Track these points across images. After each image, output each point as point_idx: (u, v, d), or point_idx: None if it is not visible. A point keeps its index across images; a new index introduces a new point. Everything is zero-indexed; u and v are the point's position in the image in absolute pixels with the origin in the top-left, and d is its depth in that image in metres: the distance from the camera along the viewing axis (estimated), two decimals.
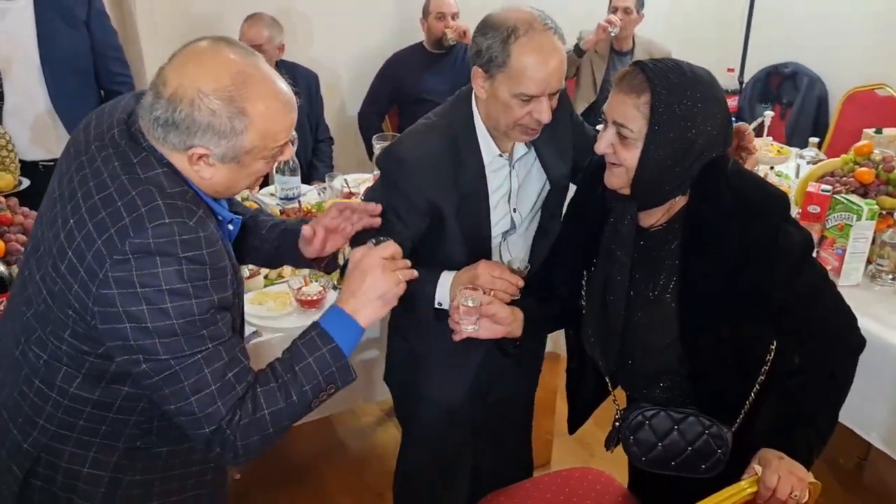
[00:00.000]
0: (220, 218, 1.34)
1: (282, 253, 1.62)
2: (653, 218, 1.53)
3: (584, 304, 1.65)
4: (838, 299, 1.49)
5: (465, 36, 3.79)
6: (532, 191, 1.86)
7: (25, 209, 2.18)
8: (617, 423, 1.64)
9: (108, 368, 1.27)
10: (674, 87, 1.38)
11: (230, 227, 1.39)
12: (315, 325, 1.33)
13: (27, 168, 2.38)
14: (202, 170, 1.25)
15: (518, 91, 1.61)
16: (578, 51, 3.99)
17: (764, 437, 1.45)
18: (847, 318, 1.49)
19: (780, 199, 1.45)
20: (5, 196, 2.15)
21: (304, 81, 3.58)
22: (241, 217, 1.42)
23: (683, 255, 1.47)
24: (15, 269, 1.99)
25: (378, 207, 1.60)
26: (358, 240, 1.58)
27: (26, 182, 2.23)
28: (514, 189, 1.82)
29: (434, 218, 1.70)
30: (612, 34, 3.91)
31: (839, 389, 1.47)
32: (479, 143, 1.73)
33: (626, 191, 1.48)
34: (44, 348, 1.29)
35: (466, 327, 1.57)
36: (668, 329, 1.50)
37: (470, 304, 1.55)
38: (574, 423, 1.85)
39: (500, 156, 1.76)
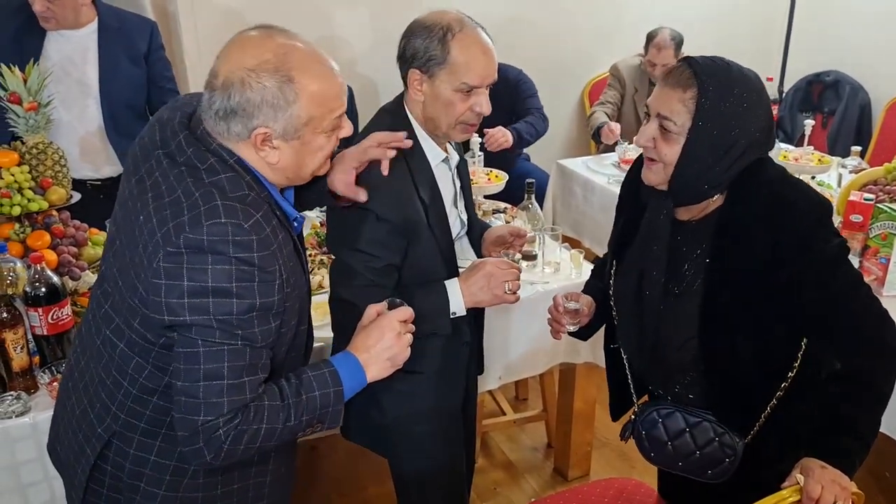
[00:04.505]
0: (287, 214, 1.37)
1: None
2: (688, 214, 1.53)
3: (611, 294, 1.67)
4: (874, 301, 1.47)
5: None
6: (469, 193, 1.96)
7: (77, 222, 2.25)
8: (633, 417, 1.67)
9: (172, 360, 1.31)
10: (721, 84, 1.39)
11: (295, 223, 1.43)
12: (328, 362, 1.38)
13: (75, 186, 2.43)
14: (268, 155, 1.31)
15: (461, 82, 1.67)
16: (597, 137, 4.00)
17: (806, 446, 1.43)
18: (883, 321, 1.47)
19: (821, 204, 1.43)
20: (58, 210, 2.22)
21: None
22: (304, 217, 1.46)
23: (713, 254, 1.47)
24: (68, 279, 2.06)
25: (403, 133, 1.63)
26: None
27: (77, 196, 2.28)
28: (458, 191, 1.88)
29: (410, 235, 1.72)
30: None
31: (880, 394, 1.45)
32: (424, 149, 1.77)
33: (664, 187, 1.48)
34: (120, 337, 1.36)
35: (569, 327, 1.75)
36: (688, 325, 1.50)
37: (573, 306, 1.72)
38: (617, 410, 1.82)
39: (444, 160, 1.81)
